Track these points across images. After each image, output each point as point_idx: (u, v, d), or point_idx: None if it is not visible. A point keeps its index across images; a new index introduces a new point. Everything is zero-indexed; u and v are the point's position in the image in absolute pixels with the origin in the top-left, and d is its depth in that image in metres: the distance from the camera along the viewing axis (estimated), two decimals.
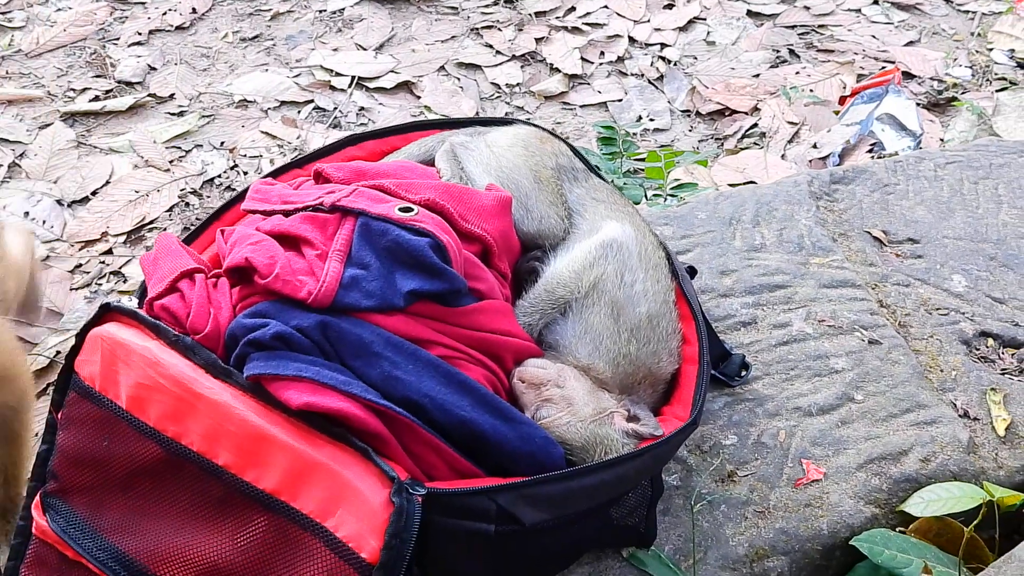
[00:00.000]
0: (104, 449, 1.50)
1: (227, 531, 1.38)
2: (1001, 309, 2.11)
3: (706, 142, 3.46)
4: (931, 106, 3.52)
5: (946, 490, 1.76)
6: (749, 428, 1.86)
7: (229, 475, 1.39)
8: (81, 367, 1.54)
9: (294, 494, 1.35)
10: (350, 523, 1.31)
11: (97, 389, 1.51)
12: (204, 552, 1.40)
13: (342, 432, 1.37)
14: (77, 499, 1.52)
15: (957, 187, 2.41)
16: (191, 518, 1.41)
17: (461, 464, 1.47)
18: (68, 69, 3.77)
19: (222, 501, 1.39)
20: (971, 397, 1.93)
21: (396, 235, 1.53)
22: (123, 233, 3.08)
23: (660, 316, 1.72)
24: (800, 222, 2.27)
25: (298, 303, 1.49)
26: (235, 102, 3.62)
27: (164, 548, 1.42)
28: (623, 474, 1.52)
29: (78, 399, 1.53)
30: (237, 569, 1.37)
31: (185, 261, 1.59)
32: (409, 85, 3.70)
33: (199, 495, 1.41)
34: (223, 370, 1.44)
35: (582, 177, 1.90)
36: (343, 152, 1.94)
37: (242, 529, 1.37)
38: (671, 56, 3.83)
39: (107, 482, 1.50)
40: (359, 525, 1.31)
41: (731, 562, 1.69)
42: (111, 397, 1.50)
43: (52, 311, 2.83)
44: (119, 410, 1.48)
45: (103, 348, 1.51)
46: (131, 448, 1.47)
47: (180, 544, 1.41)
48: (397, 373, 1.45)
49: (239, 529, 1.38)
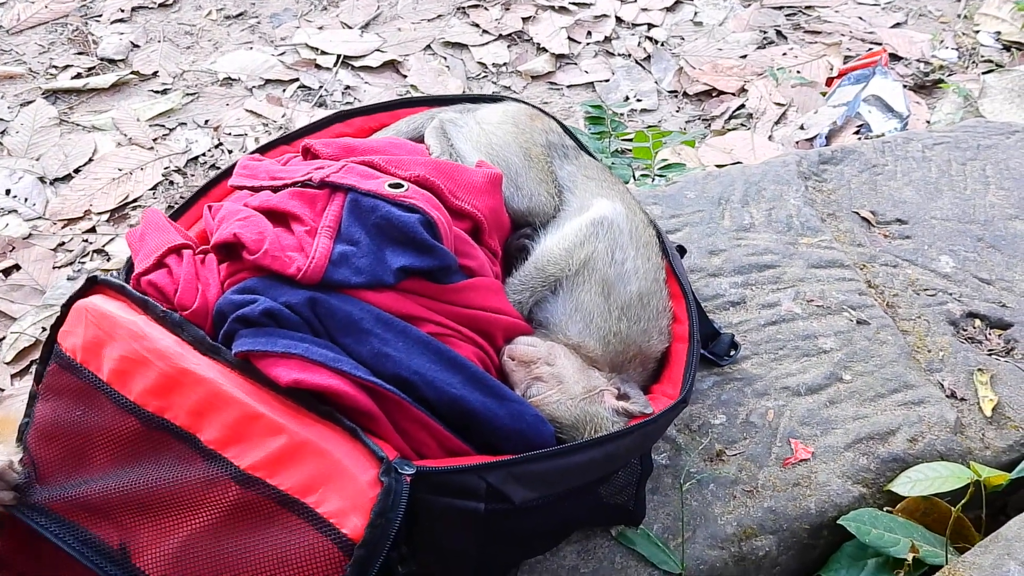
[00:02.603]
0: (77, 420, 1.47)
1: (199, 508, 1.36)
2: (988, 290, 2.11)
3: (693, 123, 3.45)
4: (917, 88, 3.52)
5: (933, 470, 1.77)
6: (738, 407, 1.86)
7: (209, 451, 1.37)
8: (64, 338, 1.51)
9: (275, 471, 1.33)
10: (334, 500, 1.30)
11: (79, 361, 1.49)
12: (174, 528, 1.37)
13: (330, 411, 1.36)
14: (43, 472, 1.48)
15: (945, 168, 2.42)
16: (163, 494, 1.38)
17: (451, 442, 1.46)
18: (50, 46, 3.73)
19: (197, 477, 1.37)
20: (958, 377, 1.94)
21: (386, 211, 1.52)
22: (106, 211, 3.05)
23: (651, 294, 1.71)
24: (789, 202, 2.27)
25: (287, 279, 1.48)
26: (219, 80, 3.59)
27: (130, 525, 1.39)
28: (612, 452, 1.52)
29: (58, 370, 1.51)
30: (208, 547, 1.35)
31: (172, 236, 1.58)
32: (395, 64, 3.67)
33: (173, 472, 1.38)
34: (211, 347, 1.43)
35: (572, 154, 1.89)
36: (331, 129, 1.92)
37: (215, 506, 1.35)
38: (658, 36, 3.81)
39: (73, 455, 1.47)
40: (343, 503, 1.30)
41: (719, 541, 1.69)
42: (92, 369, 1.47)
43: (35, 289, 2.81)
44: (99, 382, 1.46)
45: (87, 320, 1.49)
46: (107, 421, 1.44)
47: (148, 522, 1.39)
48: (387, 350, 1.44)
49: (212, 506, 1.35)
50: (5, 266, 2.87)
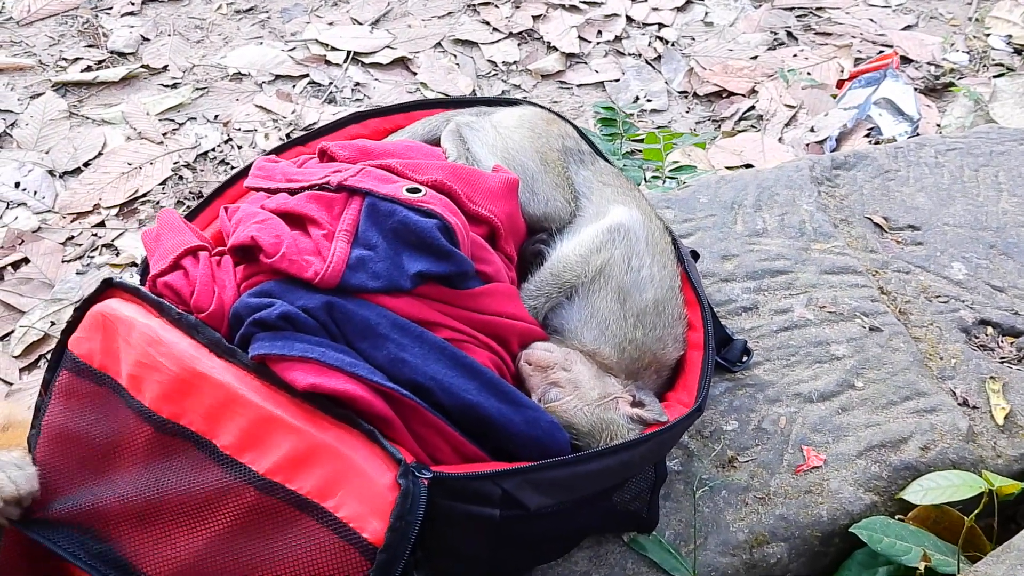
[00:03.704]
0: (91, 427, 1.47)
1: (215, 514, 1.36)
2: (1001, 297, 2.11)
3: (703, 124, 3.45)
4: (928, 91, 3.51)
5: (945, 478, 1.76)
6: (750, 414, 1.86)
7: (225, 456, 1.36)
8: (78, 345, 1.50)
9: (292, 475, 1.33)
10: (352, 504, 1.30)
11: (96, 367, 1.48)
12: (189, 536, 1.37)
13: (348, 414, 1.36)
14: (53, 480, 1.48)
15: (958, 174, 2.41)
16: (177, 501, 1.38)
17: (466, 447, 1.46)
18: (60, 38, 3.72)
19: (213, 483, 1.36)
20: (970, 385, 1.94)
21: (403, 216, 1.51)
22: (116, 205, 3.05)
23: (666, 302, 1.71)
24: (802, 207, 2.26)
25: (304, 283, 1.47)
26: (229, 75, 3.59)
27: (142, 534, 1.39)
28: (627, 460, 1.52)
29: (70, 377, 1.50)
30: (224, 554, 1.35)
31: (188, 238, 1.57)
32: (405, 61, 3.67)
33: (188, 478, 1.38)
34: (227, 350, 1.42)
35: (589, 160, 1.89)
36: (346, 130, 1.92)
37: (231, 512, 1.35)
38: (669, 36, 3.80)
39: (84, 463, 1.46)
40: (362, 506, 1.29)
41: (731, 548, 1.70)
42: (112, 374, 1.47)
43: (43, 283, 2.81)
44: (119, 388, 1.46)
45: (105, 325, 1.48)
46: (122, 427, 1.44)
47: (161, 530, 1.38)
48: (403, 355, 1.44)
49: (228, 512, 1.35)
50: (14, 259, 2.88)
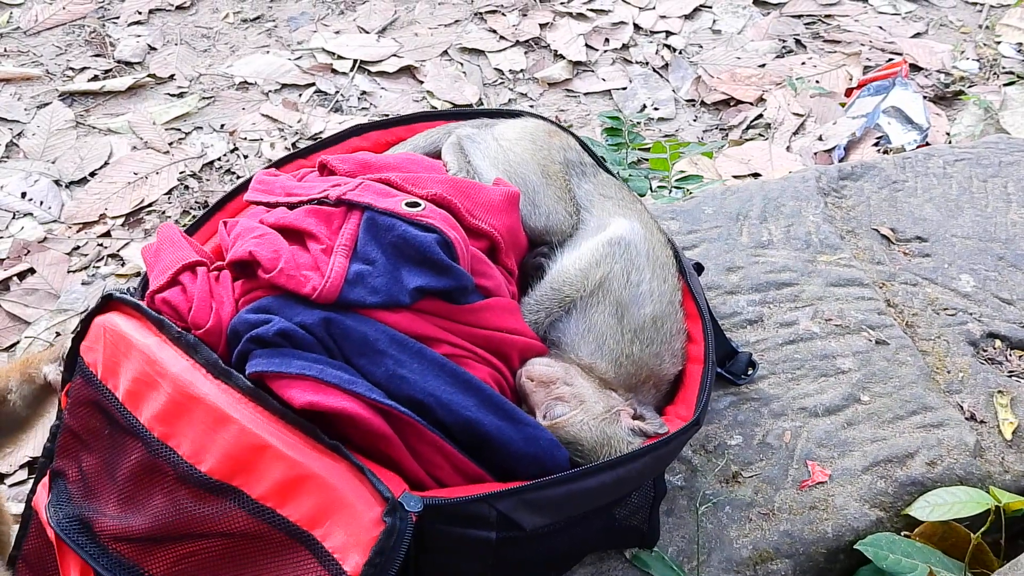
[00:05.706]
0: (105, 436, 1.49)
1: (202, 540, 1.37)
2: (1009, 310, 2.09)
3: (710, 132, 3.43)
4: (937, 99, 3.49)
5: (952, 494, 1.74)
6: (754, 428, 1.85)
7: (213, 481, 1.36)
8: (86, 353, 1.52)
9: (282, 502, 1.33)
10: (338, 535, 1.30)
11: (99, 377, 1.50)
12: (176, 562, 1.39)
13: (338, 444, 1.35)
14: (73, 483, 1.52)
15: (966, 185, 2.39)
16: (165, 525, 1.40)
17: (465, 464, 1.45)
18: (67, 48, 3.73)
19: (202, 508, 1.37)
20: (978, 399, 1.92)
21: (403, 231, 1.50)
22: (121, 215, 3.05)
23: (665, 317, 1.69)
24: (808, 218, 2.25)
25: (302, 299, 1.46)
26: (235, 84, 3.59)
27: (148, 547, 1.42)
28: (624, 476, 1.50)
29: (83, 384, 1.52)
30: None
31: (187, 253, 1.57)
32: (412, 69, 3.66)
33: (176, 503, 1.39)
34: (223, 371, 1.41)
35: (590, 172, 1.88)
36: (347, 143, 1.91)
37: (219, 538, 1.36)
38: (676, 44, 3.79)
39: (100, 471, 1.49)
40: (347, 538, 1.29)
41: (735, 564, 1.68)
42: (111, 388, 1.48)
43: (49, 293, 2.81)
44: (116, 402, 1.47)
45: (106, 338, 1.49)
46: (121, 441, 1.46)
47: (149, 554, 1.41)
48: (402, 372, 1.43)
49: (215, 538, 1.36)
50: (20, 269, 2.88)
